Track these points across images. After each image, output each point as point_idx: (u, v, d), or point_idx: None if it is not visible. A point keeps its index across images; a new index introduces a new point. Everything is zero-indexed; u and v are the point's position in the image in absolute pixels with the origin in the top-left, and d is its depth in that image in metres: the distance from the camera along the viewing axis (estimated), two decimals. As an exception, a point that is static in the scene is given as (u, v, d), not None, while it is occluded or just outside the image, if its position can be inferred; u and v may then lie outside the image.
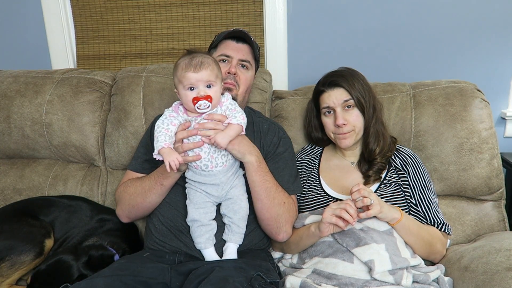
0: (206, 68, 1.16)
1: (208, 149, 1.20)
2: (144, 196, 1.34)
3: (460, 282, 1.22)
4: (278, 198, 1.29)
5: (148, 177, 1.35)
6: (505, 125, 1.89)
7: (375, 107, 1.39)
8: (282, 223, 1.31)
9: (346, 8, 1.85)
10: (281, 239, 1.35)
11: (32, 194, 1.70)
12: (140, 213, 1.41)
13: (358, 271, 1.18)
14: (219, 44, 1.42)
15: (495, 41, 1.81)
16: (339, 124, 1.35)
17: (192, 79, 1.15)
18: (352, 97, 1.35)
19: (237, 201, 1.27)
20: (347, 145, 1.39)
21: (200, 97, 1.15)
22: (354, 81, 1.36)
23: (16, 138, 1.74)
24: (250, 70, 1.43)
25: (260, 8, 1.93)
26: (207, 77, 1.16)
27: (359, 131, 1.38)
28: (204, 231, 1.25)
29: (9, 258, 1.36)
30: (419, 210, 1.33)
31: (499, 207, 1.54)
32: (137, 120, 1.67)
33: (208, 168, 1.21)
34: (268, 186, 1.27)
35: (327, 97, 1.38)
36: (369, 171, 1.37)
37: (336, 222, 1.16)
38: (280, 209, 1.29)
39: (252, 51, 1.42)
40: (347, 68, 1.42)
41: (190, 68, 1.15)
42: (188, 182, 1.28)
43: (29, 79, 1.78)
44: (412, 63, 1.88)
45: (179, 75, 1.17)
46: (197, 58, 1.17)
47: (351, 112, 1.36)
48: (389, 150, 1.40)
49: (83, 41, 2.10)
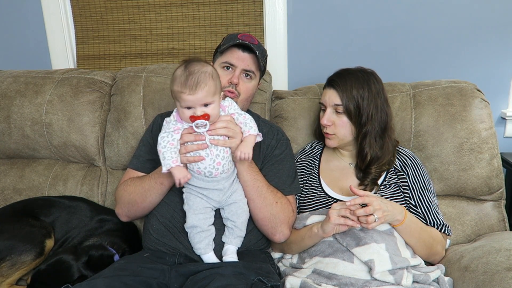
0: (202, 88, 1.12)
1: (215, 157, 1.18)
2: (144, 195, 1.34)
3: (460, 282, 1.22)
4: (270, 198, 1.29)
5: (148, 176, 1.34)
6: (505, 125, 1.89)
7: (373, 117, 1.33)
8: (277, 224, 1.31)
9: (346, 8, 1.85)
10: (278, 240, 1.35)
11: (32, 194, 1.70)
12: (139, 212, 1.40)
13: (358, 271, 1.18)
14: (226, 51, 1.40)
15: (495, 41, 1.82)
16: (322, 123, 1.38)
17: (189, 101, 1.13)
18: (342, 104, 1.33)
19: (241, 204, 1.27)
20: (330, 146, 1.41)
21: (197, 116, 1.13)
22: (354, 85, 1.33)
23: (16, 138, 1.74)
24: (254, 80, 1.42)
25: (260, 8, 1.93)
26: (204, 99, 1.13)
27: (343, 137, 1.38)
28: (204, 236, 1.24)
29: (9, 258, 1.36)
30: (419, 212, 1.33)
31: (499, 207, 1.54)
32: (137, 120, 1.67)
33: (212, 174, 1.21)
34: (259, 185, 1.27)
35: (324, 94, 1.40)
36: (365, 180, 1.36)
37: (345, 222, 1.16)
38: (273, 209, 1.29)
39: (257, 61, 1.40)
40: (360, 70, 1.38)
41: (186, 89, 1.11)
42: (187, 187, 1.27)
43: (29, 79, 1.78)
44: (412, 63, 1.88)
45: (175, 93, 1.14)
46: (193, 77, 1.12)
47: (340, 117, 1.36)
48: (387, 163, 1.37)
49: (83, 41, 2.10)
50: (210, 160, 1.18)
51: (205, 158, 1.18)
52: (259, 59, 1.38)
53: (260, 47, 1.40)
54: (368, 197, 1.17)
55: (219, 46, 1.45)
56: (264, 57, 1.44)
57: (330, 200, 1.36)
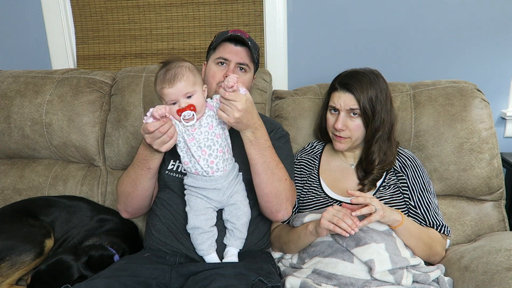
0: (180, 79, 1.14)
1: (207, 156, 1.19)
2: (134, 184, 1.31)
3: (460, 282, 1.22)
4: (279, 174, 1.26)
5: (132, 166, 1.32)
6: (505, 125, 1.89)
7: (384, 120, 1.34)
8: (282, 200, 1.28)
9: (346, 8, 1.85)
10: (281, 218, 1.32)
11: (32, 194, 1.70)
12: (135, 203, 1.36)
13: (358, 271, 1.18)
14: (218, 46, 1.41)
15: (495, 41, 1.81)
16: (337, 128, 1.36)
17: (171, 94, 1.15)
18: (359, 107, 1.32)
19: (241, 206, 1.27)
20: (341, 149, 1.40)
21: (182, 108, 1.15)
22: (369, 89, 1.32)
23: (16, 138, 1.74)
24: (248, 73, 1.43)
25: (260, 8, 1.93)
26: (184, 89, 1.15)
27: (355, 140, 1.37)
28: (206, 238, 1.24)
29: (9, 258, 1.36)
30: (418, 212, 1.33)
31: (499, 207, 1.54)
32: (137, 120, 1.67)
33: (209, 173, 1.21)
34: (266, 161, 1.23)
35: (337, 98, 1.36)
36: (365, 179, 1.36)
37: (334, 229, 1.15)
38: (281, 185, 1.26)
39: (250, 54, 1.41)
40: (371, 72, 1.37)
41: (165, 83, 1.15)
42: (188, 189, 1.28)
43: (29, 79, 1.78)
44: (412, 63, 1.88)
45: (158, 92, 1.18)
46: (170, 72, 1.15)
47: (354, 120, 1.35)
48: (389, 164, 1.37)
49: (83, 41, 2.10)
50: (203, 160, 1.19)
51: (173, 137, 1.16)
52: (252, 51, 1.39)
53: (251, 40, 1.42)
54: (368, 198, 1.18)
55: (211, 43, 1.46)
56: (256, 50, 1.44)
57: (330, 201, 1.36)
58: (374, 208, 1.15)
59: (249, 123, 1.17)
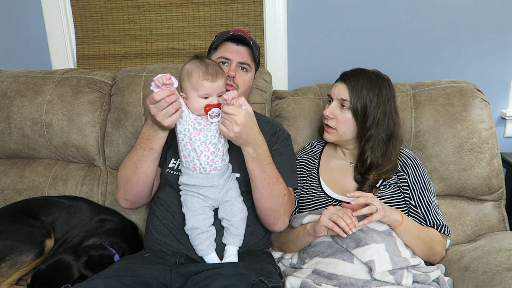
0: (221, 78, 1.20)
1: (210, 153, 1.20)
2: (135, 167, 1.28)
3: (460, 282, 1.22)
4: (278, 189, 1.28)
5: (135, 148, 1.31)
6: (505, 125, 1.89)
7: (379, 121, 1.33)
8: (280, 213, 1.31)
9: (346, 8, 1.85)
10: (278, 229, 1.35)
11: (32, 194, 1.70)
12: (135, 189, 1.33)
13: (358, 271, 1.18)
14: (219, 46, 1.42)
15: (495, 41, 1.81)
16: (325, 114, 1.39)
17: (209, 89, 1.18)
18: (349, 100, 1.34)
19: (235, 202, 1.27)
20: (328, 140, 1.42)
21: (213, 105, 1.18)
22: (366, 86, 1.33)
23: (16, 138, 1.74)
24: (250, 72, 1.44)
25: (260, 8, 1.93)
26: (222, 88, 1.21)
27: (342, 134, 1.38)
28: (205, 238, 1.24)
29: (9, 258, 1.36)
30: (419, 212, 1.33)
31: (499, 207, 1.55)
32: (137, 120, 1.67)
33: (206, 171, 1.22)
34: (267, 177, 1.25)
35: (334, 87, 1.40)
36: (363, 186, 1.35)
37: (332, 227, 1.16)
38: (280, 200, 1.28)
39: (251, 53, 1.42)
40: (375, 73, 1.38)
41: (207, 77, 1.18)
42: (184, 189, 1.28)
43: (29, 79, 1.78)
44: (412, 63, 1.88)
45: (195, 83, 1.18)
46: (211, 68, 1.19)
47: (344, 112, 1.36)
48: (387, 172, 1.35)
49: (83, 41, 2.10)
50: (204, 157, 1.21)
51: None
52: (253, 50, 1.41)
53: (252, 40, 1.43)
54: (369, 197, 1.18)
55: (212, 43, 1.47)
56: (257, 49, 1.46)
57: (330, 201, 1.36)
58: (375, 208, 1.15)
59: (249, 138, 1.18)
